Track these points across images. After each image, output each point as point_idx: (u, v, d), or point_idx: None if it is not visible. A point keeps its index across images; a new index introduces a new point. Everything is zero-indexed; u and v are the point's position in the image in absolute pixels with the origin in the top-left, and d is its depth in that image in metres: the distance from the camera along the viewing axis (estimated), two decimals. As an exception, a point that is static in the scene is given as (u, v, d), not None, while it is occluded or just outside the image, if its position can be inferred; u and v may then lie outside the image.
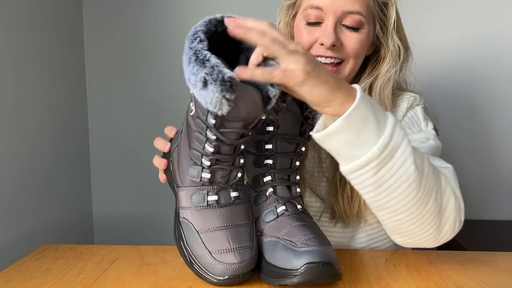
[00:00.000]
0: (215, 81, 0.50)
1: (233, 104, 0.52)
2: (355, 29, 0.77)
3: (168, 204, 1.42)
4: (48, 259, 0.73)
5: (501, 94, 1.35)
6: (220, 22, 0.57)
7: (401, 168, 0.56)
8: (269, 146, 0.66)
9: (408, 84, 0.88)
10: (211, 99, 0.51)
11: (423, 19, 1.34)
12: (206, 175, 0.61)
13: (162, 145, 0.74)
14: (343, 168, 0.59)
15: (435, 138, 0.80)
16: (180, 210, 0.63)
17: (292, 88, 0.54)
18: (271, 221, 0.64)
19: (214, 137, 0.58)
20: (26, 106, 1.05)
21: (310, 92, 0.54)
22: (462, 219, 0.64)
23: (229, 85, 0.50)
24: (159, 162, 0.73)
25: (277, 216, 0.64)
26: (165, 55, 1.38)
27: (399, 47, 0.81)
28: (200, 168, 0.61)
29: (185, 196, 0.63)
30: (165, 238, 1.36)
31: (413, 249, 0.87)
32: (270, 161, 0.66)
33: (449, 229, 0.63)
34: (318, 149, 0.85)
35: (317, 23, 0.78)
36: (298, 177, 0.68)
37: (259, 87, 0.53)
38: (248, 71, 0.52)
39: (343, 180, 0.78)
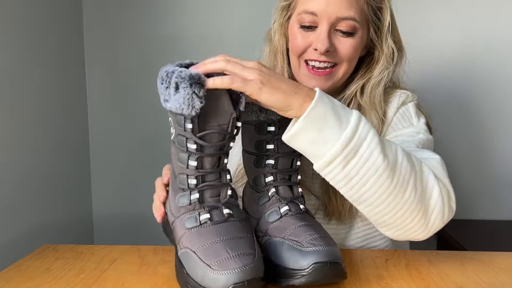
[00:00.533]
0: (183, 78, 0.54)
1: (204, 101, 0.55)
2: (349, 34, 0.78)
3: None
4: (48, 259, 0.73)
5: (502, 94, 1.35)
6: (188, 66, 0.61)
7: (368, 161, 0.58)
8: (270, 146, 0.65)
9: (401, 81, 0.89)
10: (183, 98, 0.54)
11: (421, 19, 1.34)
12: (195, 196, 0.59)
13: (156, 213, 0.70)
14: (315, 166, 0.61)
15: (425, 132, 0.80)
16: (177, 244, 0.61)
17: (252, 97, 0.58)
18: (274, 221, 0.64)
19: (194, 146, 0.58)
20: (26, 106, 1.05)
21: (268, 99, 0.58)
22: (453, 206, 0.65)
23: (197, 79, 0.54)
24: (157, 210, 0.70)
25: (281, 217, 0.63)
26: (165, 55, 1.38)
27: (393, 49, 0.81)
28: (188, 192, 0.60)
29: (179, 225, 0.61)
30: (165, 238, 1.37)
31: (412, 248, 0.87)
32: (271, 161, 0.66)
33: (437, 218, 0.63)
34: None
35: (311, 27, 0.79)
36: (299, 177, 0.68)
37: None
38: (202, 67, 0.59)
39: None
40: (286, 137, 0.60)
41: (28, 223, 1.06)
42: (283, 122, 0.64)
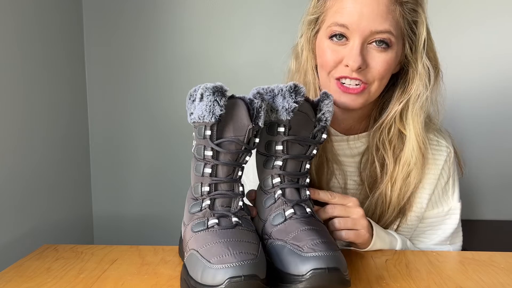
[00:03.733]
0: (207, 89, 0.59)
1: (224, 109, 0.58)
2: (384, 48, 0.73)
3: (168, 204, 1.42)
4: (48, 259, 0.73)
5: (502, 93, 1.35)
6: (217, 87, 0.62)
7: None
8: (279, 148, 0.65)
9: (430, 117, 0.84)
10: (205, 105, 0.58)
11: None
12: (206, 203, 0.61)
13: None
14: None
15: (457, 210, 0.86)
16: (185, 251, 0.61)
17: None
18: (279, 224, 0.62)
19: (210, 153, 0.60)
20: (26, 107, 1.05)
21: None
22: None
23: (219, 88, 0.58)
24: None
25: (285, 219, 0.62)
26: (165, 55, 1.38)
27: (428, 68, 0.76)
28: (201, 200, 0.62)
29: (188, 231, 0.62)
30: (165, 238, 1.37)
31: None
32: (279, 163, 0.65)
33: None
34: (345, 177, 0.85)
35: (342, 37, 0.74)
36: (308, 180, 0.67)
37: (245, 100, 0.62)
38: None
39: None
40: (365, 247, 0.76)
41: (28, 223, 1.06)
42: (293, 124, 0.64)
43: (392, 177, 0.80)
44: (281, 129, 0.64)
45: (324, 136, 0.66)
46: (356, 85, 0.75)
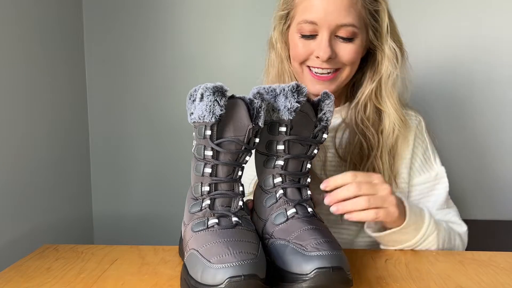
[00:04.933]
0: (208, 89, 0.59)
1: (224, 109, 0.59)
2: (349, 39, 0.80)
3: (168, 204, 1.42)
4: (49, 259, 0.73)
5: (502, 93, 1.35)
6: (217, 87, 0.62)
7: (427, 249, 0.78)
8: (280, 147, 0.65)
9: (404, 99, 0.92)
10: (205, 105, 0.59)
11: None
12: (206, 203, 0.61)
13: None
14: (382, 247, 0.80)
15: (443, 174, 0.91)
16: (185, 251, 0.61)
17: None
18: (280, 223, 0.62)
19: (210, 153, 0.60)
20: (26, 107, 1.05)
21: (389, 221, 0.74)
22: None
23: (220, 88, 0.59)
24: None
25: (287, 219, 0.62)
26: (165, 55, 1.38)
27: (395, 49, 0.83)
28: (201, 200, 0.62)
29: (188, 231, 0.62)
30: (165, 238, 1.37)
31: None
32: (281, 162, 0.65)
33: None
34: (325, 151, 0.88)
35: (311, 36, 0.81)
36: (309, 180, 0.67)
37: (245, 100, 0.62)
38: (356, 216, 0.70)
39: None
40: (375, 235, 0.77)
41: (29, 223, 1.06)
42: (294, 123, 0.64)
43: (378, 150, 0.85)
44: (283, 129, 0.64)
45: (325, 136, 0.67)
46: (328, 73, 0.82)
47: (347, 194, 0.69)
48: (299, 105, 0.63)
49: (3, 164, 0.96)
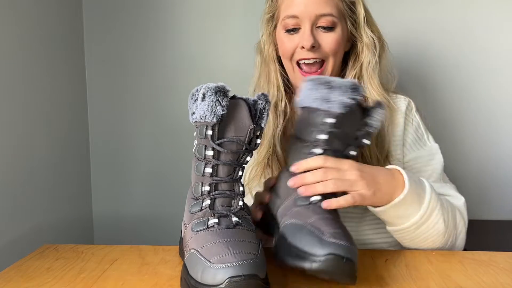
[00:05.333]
0: (210, 88, 0.60)
1: (226, 109, 0.59)
2: (329, 29, 0.86)
3: (168, 204, 1.42)
4: (49, 259, 0.73)
5: (501, 93, 1.35)
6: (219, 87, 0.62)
7: (434, 227, 0.75)
8: (324, 137, 0.67)
9: (391, 86, 0.96)
10: (207, 105, 0.59)
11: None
12: (207, 203, 0.61)
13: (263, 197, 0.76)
14: (389, 228, 0.78)
15: (437, 150, 0.92)
16: (185, 251, 0.61)
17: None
18: (302, 206, 0.64)
19: (211, 153, 0.61)
20: (26, 106, 1.05)
21: (375, 203, 0.72)
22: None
23: (222, 89, 0.60)
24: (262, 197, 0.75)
25: (310, 204, 0.64)
26: (165, 55, 1.38)
27: (373, 38, 0.89)
28: (201, 200, 0.62)
29: (188, 231, 0.62)
30: (165, 238, 1.37)
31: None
32: (319, 151, 0.68)
33: (459, 247, 0.82)
34: None
35: (295, 29, 0.87)
36: None
37: (247, 101, 0.63)
38: (334, 203, 0.66)
39: None
40: (376, 210, 0.74)
41: (29, 223, 1.06)
42: (342, 118, 0.66)
43: None
44: (331, 120, 0.66)
45: (367, 142, 0.70)
46: (315, 63, 0.87)
47: (313, 179, 0.67)
48: (354, 102, 0.65)
49: (3, 164, 0.96)
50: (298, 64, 0.89)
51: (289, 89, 0.95)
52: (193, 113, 0.62)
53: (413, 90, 1.35)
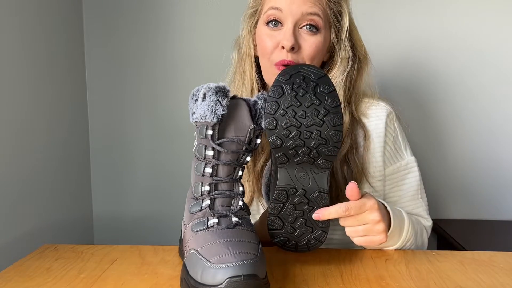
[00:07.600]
0: (210, 89, 0.60)
1: (226, 110, 0.60)
2: (313, 30, 0.82)
3: (168, 204, 1.42)
4: (49, 259, 0.73)
5: (502, 93, 1.35)
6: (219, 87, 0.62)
7: (409, 248, 0.80)
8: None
9: (375, 92, 0.93)
10: (208, 105, 0.60)
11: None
12: (206, 203, 0.61)
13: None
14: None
15: (413, 164, 0.90)
16: (185, 251, 0.61)
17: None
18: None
19: (211, 153, 0.61)
20: (26, 106, 1.05)
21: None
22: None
23: (222, 89, 0.60)
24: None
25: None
26: (165, 55, 1.38)
27: (349, 54, 0.85)
28: (201, 200, 0.62)
29: (188, 231, 0.62)
30: (165, 238, 1.37)
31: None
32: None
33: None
34: None
35: (276, 24, 0.82)
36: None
37: (247, 101, 0.63)
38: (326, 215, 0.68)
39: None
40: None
41: (29, 223, 1.06)
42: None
43: (340, 154, 0.84)
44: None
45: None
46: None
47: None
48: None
49: (3, 164, 0.96)
50: (276, 65, 0.83)
51: (264, 90, 0.90)
52: (194, 113, 0.63)
53: (413, 91, 1.36)
